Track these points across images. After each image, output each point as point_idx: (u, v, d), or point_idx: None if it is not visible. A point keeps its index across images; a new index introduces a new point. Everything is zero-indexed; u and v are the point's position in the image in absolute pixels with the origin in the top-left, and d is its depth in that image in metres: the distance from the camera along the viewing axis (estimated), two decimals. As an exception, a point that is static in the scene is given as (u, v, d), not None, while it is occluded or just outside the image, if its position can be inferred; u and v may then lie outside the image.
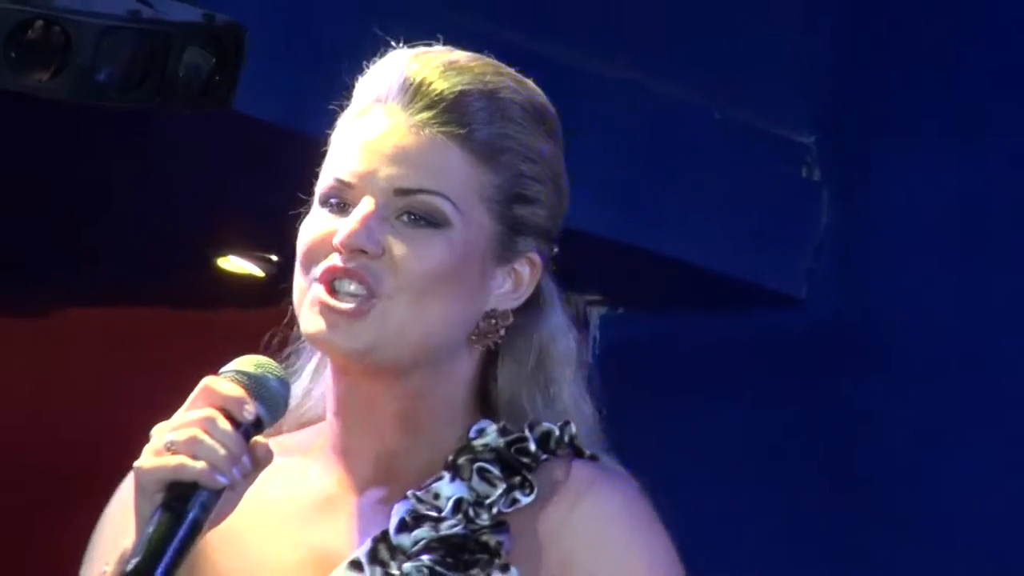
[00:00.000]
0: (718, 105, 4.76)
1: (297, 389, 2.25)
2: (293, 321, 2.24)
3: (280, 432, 2.26)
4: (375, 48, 2.71)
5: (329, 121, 2.21)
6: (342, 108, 2.22)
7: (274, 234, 2.70)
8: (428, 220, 2.25)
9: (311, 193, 2.20)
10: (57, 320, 5.71)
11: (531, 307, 2.26)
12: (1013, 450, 4.85)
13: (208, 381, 2.12)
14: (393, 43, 2.19)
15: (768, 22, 4.87)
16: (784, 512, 5.05)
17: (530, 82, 2.23)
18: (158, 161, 4.40)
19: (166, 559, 2.11)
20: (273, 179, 2.81)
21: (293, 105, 3.98)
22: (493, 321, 2.25)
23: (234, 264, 5.39)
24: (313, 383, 2.30)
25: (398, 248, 2.24)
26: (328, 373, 2.28)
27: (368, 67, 2.19)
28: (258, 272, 5.44)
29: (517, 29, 4.29)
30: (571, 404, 2.22)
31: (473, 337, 2.24)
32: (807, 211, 4.83)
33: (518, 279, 2.26)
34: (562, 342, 2.25)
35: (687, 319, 5.03)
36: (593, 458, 2.17)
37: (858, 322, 4.84)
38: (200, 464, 2.13)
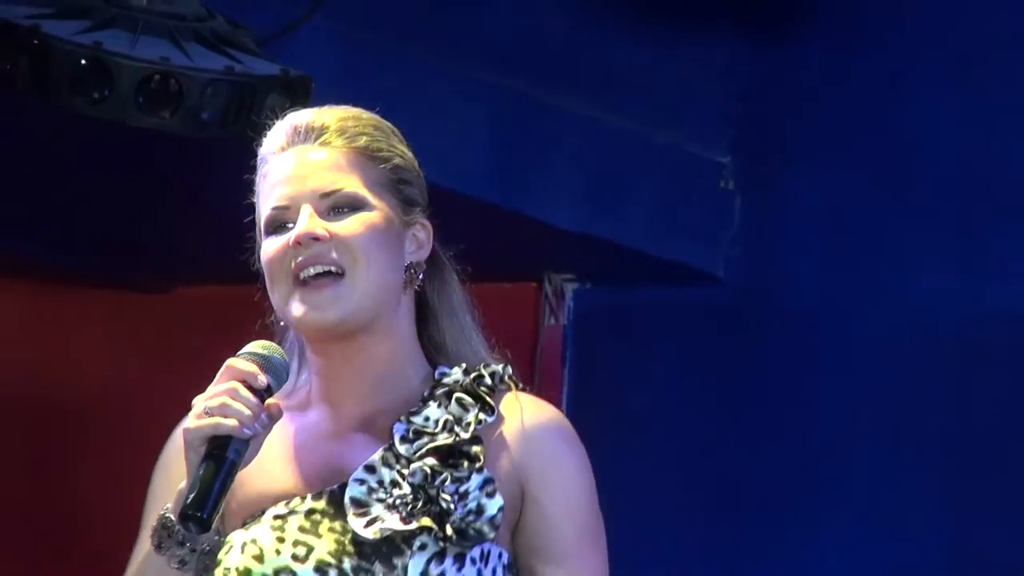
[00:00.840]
0: (659, 133, 5.17)
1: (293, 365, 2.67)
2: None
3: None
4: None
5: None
6: (254, 179, 2.65)
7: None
8: (351, 206, 2.61)
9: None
10: (165, 297, 5.78)
11: (434, 266, 2.68)
12: (878, 403, 5.24)
13: (230, 361, 2.51)
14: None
15: (696, 72, 5.26)
16: (703, 440, 5.34)
17: (373, 114, 2.71)
18: (242, 174, 4.85)
19: (214, 493, 2.50)
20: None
21: None
22: (412, 271, 2.62)
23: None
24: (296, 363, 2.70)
25: (340, 230, 2.59)
26: (307, 352, 2.68)
27: (269, 132, 2.66)
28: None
29: (487, 70, 4.67)
30: (477, 341, 2.67)
31: (404, 284, 2.64)
32: (724, 213, 5.21)
33: (418, 239, 2.65)
34: (457, 292, 2.69)
35: (638, 292, 5.34)
36: (523, 390, 2.64)
37: (762, 295, 5.23)
38: (231, 422, 2.49)
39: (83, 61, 4.04)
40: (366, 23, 4.59)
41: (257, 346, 2.55)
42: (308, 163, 2.64)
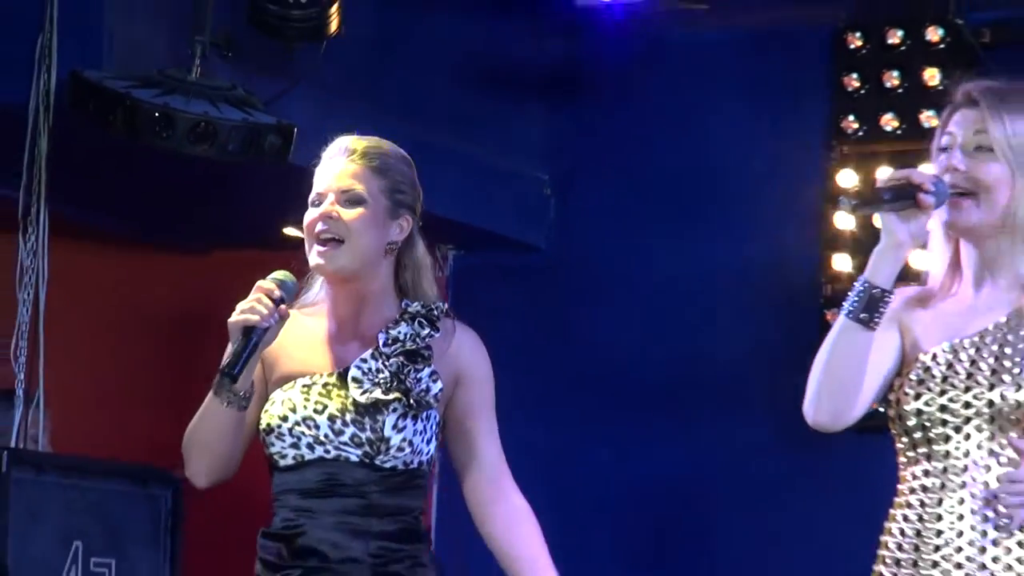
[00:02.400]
0: (505, 161, 5.94)
1: (314, 290, 3.13)
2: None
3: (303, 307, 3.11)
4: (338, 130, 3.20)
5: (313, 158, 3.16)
6: (316, 165, 3.10)
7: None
8: (357, 201, 3.05)
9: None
10: (204, 257, 6.19)
11: (409, 242, 3.14)
12: (647, 331, 5.81)
13: (259, 282, 3.00)
14: (339, 135, 3.16)
15: (528, 123, 6.02)
16: (534, 350, 5.87)
17: (396, 146, 3.15)
18: (253, 180, 5.27)
19: (241, 360, 3.00)
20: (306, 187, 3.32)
21: (308, 158, 3.68)
22: (391, 245, 3.07)
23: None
24: (319, 287, 3.13)
25: (345, 215, 3.04)
26: (325, 285, 3.10)
27: (328, 145, 3.11)
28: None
29: (404, 119, 5.14)
30: (430, 288, 3.19)
31: (385, 252, 3.08)
32: (545, 209, 6.07)
33: (401, 227, 3.08)
34: (423, 258, 3.19)
35: (493, 257, 6.07)
36: (456, 319, 3.17)
37: (567, 260, 6.03)
38: (255, 317, 2.96)
39: (156, 114, 4.61)
40: (328, 91, 5.17)
41: (278, 273, 3.08)
42: (340, 170, 3.11)
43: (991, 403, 2.85)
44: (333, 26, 4.84)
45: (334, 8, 4.82)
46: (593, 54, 5.80)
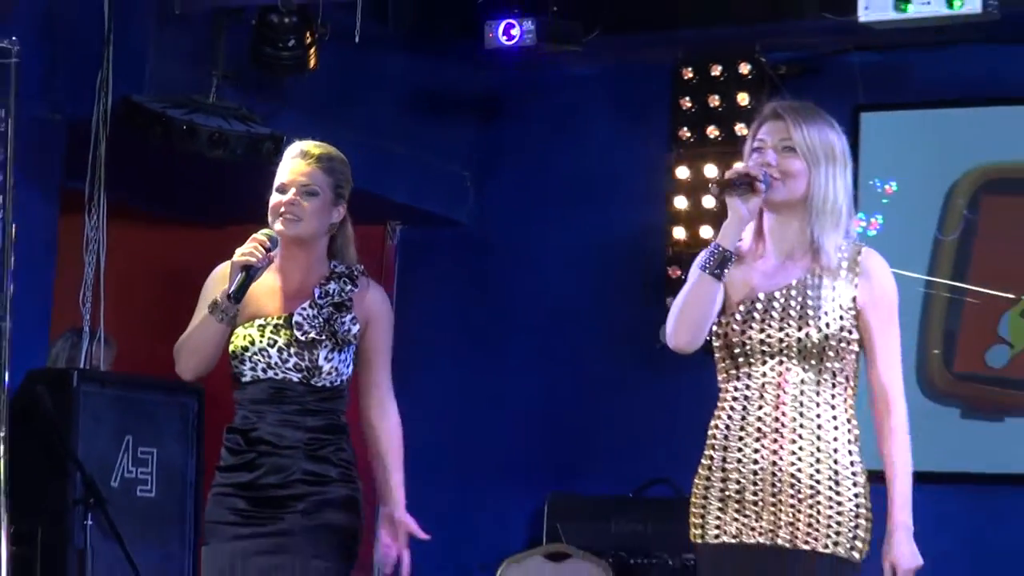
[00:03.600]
0: (438, 161, 5.89)
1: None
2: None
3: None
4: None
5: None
6: (278, 162, 3.06)
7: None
8: (311, 193, 3.06)
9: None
10: (221, 231, 5.87)
11: (343, 222, 3.11)
12: (551, 290, 5.78)
13: (253, 235, 3.00)
14: (298, 139, 3.17)
15: (455, 137, 5.91)
16: (457, 305, 5.83)
17: (338, 151, 3.09)
18: (252, 170, 4.63)
19: (242, 289, 3.02)
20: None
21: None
22: (332, 225, 3.08)
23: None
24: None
25: (304, 201, 3.04)
26: (279, 249, 3.01)
27: (288, 146, 3.11)
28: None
29: (360, 131, 5.08)
30: (353, 254, 3.14)
31: (327, 230, 3.09)
32: (466, 194, 6.07)
33: (340, 212, 3.09)
34: (350, 233, 3.14)
35: (430, 231, 6.08)
36: (369, 277, 3.13)
37: (485, 233, 6.00)
38: (252, 259, 2.98)
39: (184, 127, 4.73)
40: (308, 110, 5.20)
41: (267, 230, 3.10)
42: (300, 168, 3.12)
43: (799, 340, 2.87)
44: (311, 63, 4.94)
45: (312, 50, 4.92)
46: (501, 84, 5.91)
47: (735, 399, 2.92)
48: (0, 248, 4.35)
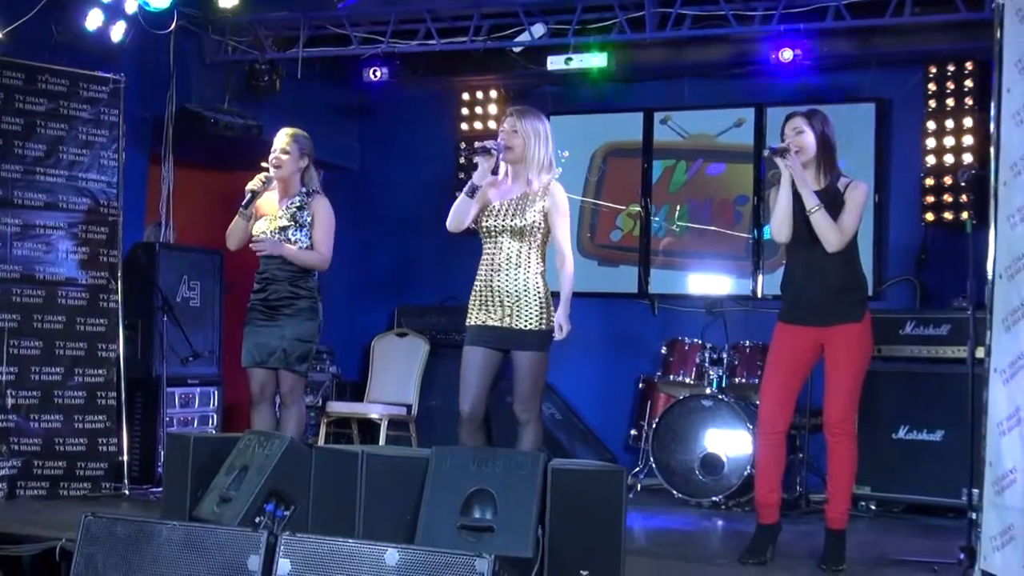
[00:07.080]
0: (344, 140, 6.29)
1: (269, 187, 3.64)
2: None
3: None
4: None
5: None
6: (261, 139, 4.25)
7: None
8: (286, 152, 3.67)
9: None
10: (231, 174, 6.32)
11: (308, 167, 3.66)
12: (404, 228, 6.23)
13: (259, 170, 3.69)
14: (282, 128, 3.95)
15: (347, 125, 6.38)
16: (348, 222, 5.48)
17: (303, 132, 3.62)
18: (249, 144, 5.27)
19: (250, 202, 3.77)
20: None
21: (270, 140, 3.87)
22: (301, 172, 3.65)
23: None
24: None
25: (284, 156, 3.65)
26: (276, 183, 3.57)
27: (280, 130, 3.65)
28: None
29: (302, 125, 4.58)
30: (316, 181, 3.75)
31: (298, 171, 3.67)
32: (355, 155, 6.61)
33: (303, 162, 3.70)
34: (314, 173, 3.70)
35: (335, 174, 6.34)
36: (322, 192, 3.70)
37: (366, 175, 6.58)
38: (258, 185, 3.72)
39: (212, 120, 5.46)
40: (278, 112, 5.68)
41: (264, 173, 3.67)
42: (282, 140, 3.65)
43: (514, 225, 3.24)
44: (276, 88, 5.75)
45: (276, 82, 5.74)
46: (376, 101, 6.50)
47: (485, 265, 3.32)
48: (117, 182, 4.94)
